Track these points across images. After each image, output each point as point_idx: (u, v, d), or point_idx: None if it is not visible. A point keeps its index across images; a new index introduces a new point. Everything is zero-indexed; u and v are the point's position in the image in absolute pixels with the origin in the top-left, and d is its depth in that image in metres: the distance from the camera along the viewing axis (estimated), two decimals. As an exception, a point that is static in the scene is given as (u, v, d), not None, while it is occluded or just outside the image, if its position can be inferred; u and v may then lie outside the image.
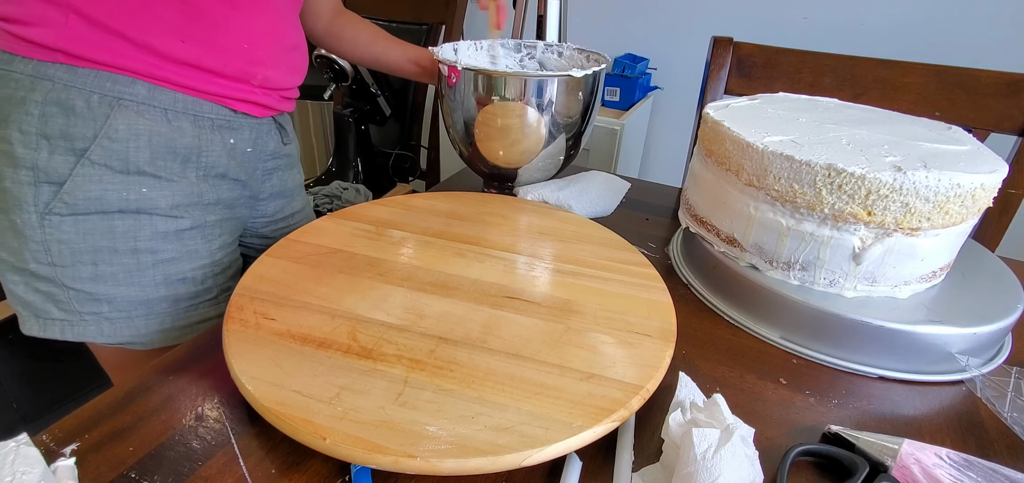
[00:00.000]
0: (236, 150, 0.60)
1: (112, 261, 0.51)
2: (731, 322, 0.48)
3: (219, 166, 0.58)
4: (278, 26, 0.60)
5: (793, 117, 0.51)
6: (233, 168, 0.60)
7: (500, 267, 0.47)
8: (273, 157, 0.67)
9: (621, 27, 1.67)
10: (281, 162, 0.69)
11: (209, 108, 0.55)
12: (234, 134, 0.59)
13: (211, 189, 0.58)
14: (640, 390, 0.34)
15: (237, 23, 0.54)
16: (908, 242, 0.41)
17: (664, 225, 0.66)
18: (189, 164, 0.55)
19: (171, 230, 0.54)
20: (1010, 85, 0.70)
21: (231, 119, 0.58)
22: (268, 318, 0.39)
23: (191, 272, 0.56)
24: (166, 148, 0.52)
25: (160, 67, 0.51)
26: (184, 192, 0.55)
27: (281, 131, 0.68)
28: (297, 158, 0.74)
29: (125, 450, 0.33)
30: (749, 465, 0.30)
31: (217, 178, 0.58)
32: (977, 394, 0.41)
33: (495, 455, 0.29)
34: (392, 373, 0.35)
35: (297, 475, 0.32)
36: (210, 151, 0.56)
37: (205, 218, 0.57)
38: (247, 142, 0.61)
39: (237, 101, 0.58)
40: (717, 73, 0.83)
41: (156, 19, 0.49)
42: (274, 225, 0.71)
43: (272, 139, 0.66)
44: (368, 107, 1.22)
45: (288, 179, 0.71)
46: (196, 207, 0.56)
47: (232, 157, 0.59)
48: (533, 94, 0.58)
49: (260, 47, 0.57)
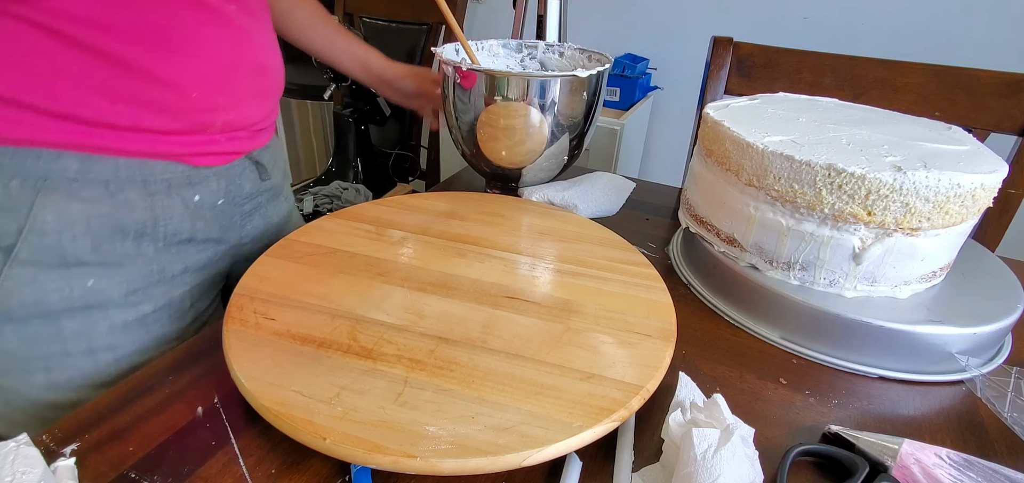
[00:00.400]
0: (203, 207, 0.51)
1: (66, 367, 0.45)
2: (731, 322, 0.48)
3: (182, 231, 0.49)
4: (238, 58, 0.49)
5: (793, 117, 0.51)
6: (201, 229, 0.51)
7: (500, 267, 0.47)
8: (251, 198, 0.57)
9: (621, 27, 1.67)
10: (262, 199, 0.59)
11: (161, 169, 0.46)
12: (198, 190, 0.50)
13: (175, 259, 0.49)
14: (640, 390, 0.34)
15: (179, 70, 0.44)
16: (908, 242, 0.41)
17: (664, 225, 0.66)
18: (144, 239, 0.47)
19: (131, 319, 0.47)
20: (1010, 85, 0.70)
21: (191, 175, 0.49)
22: (268, 318, 0.39)
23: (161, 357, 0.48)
24: (111, 229, 0.44)
25: (90, 135, 0.42)
26: (141, 273, 0.47)
27: (258, 167, 0.57)
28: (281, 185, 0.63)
29: (125, 450, 0.33)
30: (749, 465, 0.30)
31: (181, 245, 0.50)
32: (977, 394, 0.41)
33: (495, 455, 0.29)
34: (392, 373, 0.35)
35: (297, 475, 0.32)
36: (168, 218, 0.48)
37: (171, 294, 0.50)
38: (216, 194, 0.52)
39: (195, 155, 0.48)
40: (717, 73, 0.83)
41: (75, 84, 0.41)
42: None
43: (247, 180, 0.55)
44: (368, 107, 1.23)
45: (272, 213, 0.61)
46: (158, 285, 0.48)
47: (198, 217, 0.50)
48: (536, 95, 0.58)
49: (215, 90, 0.47)
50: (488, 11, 1.84)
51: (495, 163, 0.64)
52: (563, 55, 0.71)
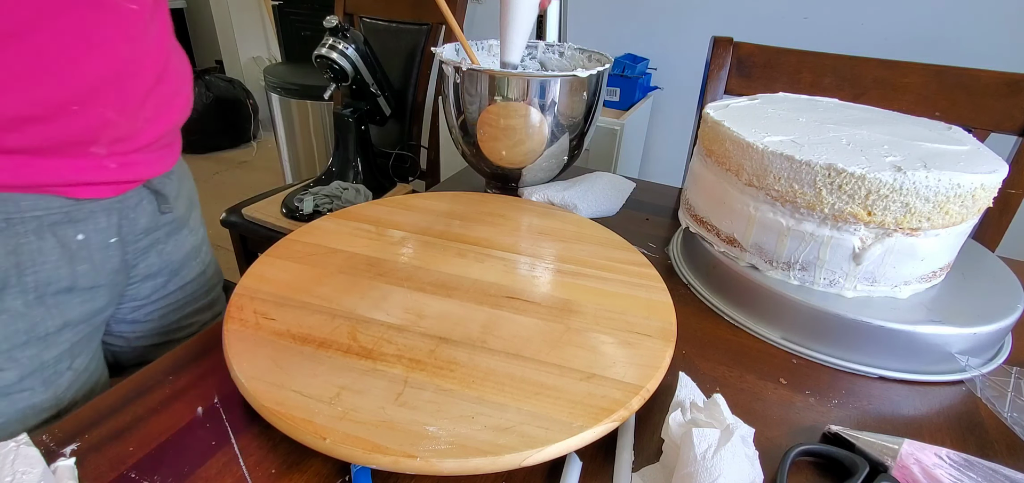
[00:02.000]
0: (89, 248, 0.42)
1: None
2: (731, 322, 0.48)
3: (61, 279, 0.41)
4: (131, 59, 0.40)
5: (793, 117, 0.51)
6: (85, 275, 0.42)
7: (500, 267, 0.47)
8: (146, 233, 0.48)
9: (621, 27, 1.67)
10: (159, 234, 0.50)
11: (31, 204, 0.38)
12: (82, 228, 0.41)
13: (50, 314, 0.41)
14: (640, 390, 0.34)
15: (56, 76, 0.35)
16: (908, 242, 0.41)
17: (664, 225, 0.66)
18: (7, 291, 0.38)
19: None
20: (1010, 85, 0.70)
21: (71, 209, 0.40)
22: (268, 318, 0.39)
23: None
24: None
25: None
26: (3, 334, 0.38)
27: (158, 198, 0.48)
28: (186, 215, 0.54)
29: (125, 450, 0.33)
30: (749, 465, 0.30)
31: (59, 295, 0.41)
32: (977, 394, 0.41)
33: (495, 455, 0.29)
34: (392, 373, 0.35)
35: (297, 475, 0.32)
36: (41, 264, 0.39)
37: (42, 357, 0.41)
38: (107, 232, 0.43)
39: (77, 185, 0.40)
40: (717, 73, 0.83)
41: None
42: (150, 306, 0.52)
43: (144, 214, 0.47)
44: (368, 107, 1.22)
45: (171, 250, 0.52)
46: (27, 347, 0.40)
47: (81, 260, 0.42)
48: (536, 95, 0.58)
49: (101, 101, 0.38)
50: (488, 11, 1.84)
51: (495, 163, 0.63)
52: (563, 55, 0.71)
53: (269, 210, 1.18)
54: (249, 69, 2.91)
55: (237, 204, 1.21)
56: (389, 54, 1.30)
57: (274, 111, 1.85)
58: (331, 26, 1.08)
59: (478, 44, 0.70)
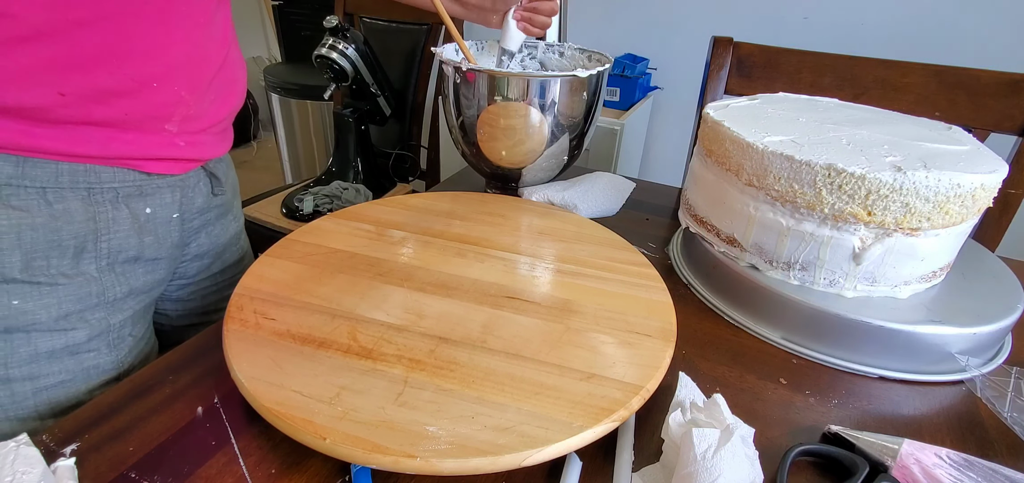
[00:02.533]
0: (155, 222, 0.46)
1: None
2: (731, 322, 0.48)
3: (129, 248, 0.44)
4: (202, 44, 0.44)
5: (793, 117, 0.51)
6: (150, 246, 0.46)
7: (500, 267, 0.47)
8: (200, 213, 0.52)
9: (621, 27, 1.67)
10: (210, 215, 0.54)
11: (110, 176, 0.41)
12: (150, 202, 0.45)
13: (119, 281, 0.44)
14: (640, 390, 0.34)
15: (141, 55, 0.39)
16: (908, 242, 0.41)
17: (664, 225, 0.66)
18: (84, 255, 0.41)
19: (59, 347, 0.41)
20: (1010, 85, 0.70)
21: (143, 184, 0.44)
22: (268, 318, 0.39)
23: (90, 395, 0.43)
24: (47, 243, 0.39)
25: (31, 135, 0.37)
26: (77, 295, 0.42)
27: (212, 180, 0.52)
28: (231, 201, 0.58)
29: (125, 450, 0.33)
30: (749, 465, 0.30)
31: (127, 264, 0.44)
32: (977, 394, 0.41)
33: (495, 455, 0.29)
34: (392, 373, 0.35)
35: (297, 475, 0.32)
36: (115, 232, 0.43)
37: (109, 321, 0.44)
38: (170, 207, 0.47)
39: (150, 160, 0.43)
40: (717, 73, 0.83)
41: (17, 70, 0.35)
42: (194, 286, 0.56)
43: (200, 194, 0.51)
44: (368, 107, 1.22)
45: (218, 232, 0.56)
46: (97, 309, 0.43)
47: (148, 232, 0.45)
48: (536, 94, 0.58)
49: (176, 79, 0.42)
50: (488, 11, 1.83)
51: (495, 163, 0.63)
52: (563, 55, 0.71)
53: (269, 210, 1.18)
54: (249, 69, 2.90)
55: (237, 204, 1.21)
56: (389, 54, 1.30)
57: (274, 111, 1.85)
58: (331, 26, 1.08)
59: (478, 44, 0.70)
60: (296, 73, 1.82)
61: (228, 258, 0.58)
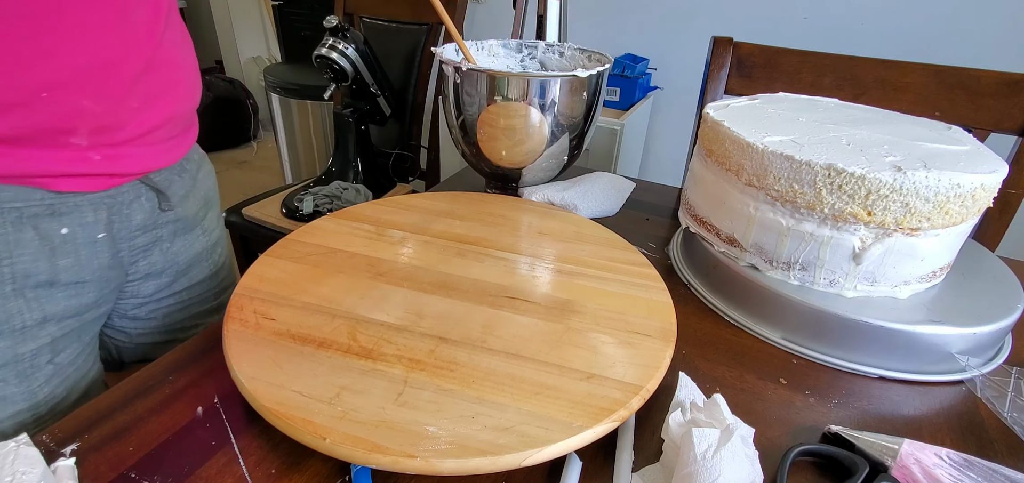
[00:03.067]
0: (74, 243, 0.42)
1: None
2: (731, 322, 0.48)
3: (38, 272, 0.40)
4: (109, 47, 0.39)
5: (793, 117, 0.51)
6: (67, 270, 0.42)
7: (500, 267, 0.47)
8: (144, 231, 0.47)
9: (621, 27, 1.67)
10: (162, 232, 0.49)
11: (11, 195, 0.38)
12: (66, 221, 0.41)
13: (29, 307, 0.40)
14: (640, 390, 0.34)
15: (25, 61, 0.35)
16: (908, 242, 0.41)
17: (664, 225, 0.66)
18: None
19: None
20: (1010, 85, 0.70)
21: (55, 202, 0.40)
22: (268, 318, 0.39)
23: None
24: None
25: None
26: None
27: (158, 195, 0.47)
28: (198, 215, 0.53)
29: (125, 450, 0.33)
30: (749, 465, 0.30)
31: (40, 289, 0.41)
32: (977, 394, 0.41)
33: (495, 455, 0.29)
34: (392, 373, 0.35)
35: (297, 475, 0.32)
36: (16, 256, 0.39)
37: (16, 350, 0.40)
38: (93, 227, 0.43)
39: (58, 177, 0.39)
40: (717, 73, 0.83)
41: None
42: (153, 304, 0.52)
43: (140, 210, 0.46)
44: (368, 107, 1.22)
45: (177, 250, 0.51)
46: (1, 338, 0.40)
47: (64, 254, 0.41)
48: (536, 94, 0.58)
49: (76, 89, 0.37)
50: (488, 12, 1.84)
51: (495, 163, 0.63)
52: (563, 55, 0.71)
53: (269, 210, 1.18)
54: (249, 69, 2.91)
55: (237, 204, 1.21)
56: (389, 54, 1.30)
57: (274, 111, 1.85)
58: (331, 26, 1.08)
59: (478, 45, 0.70)
60: (296, 73, 1.82)
61: (196, 275, 0.54)
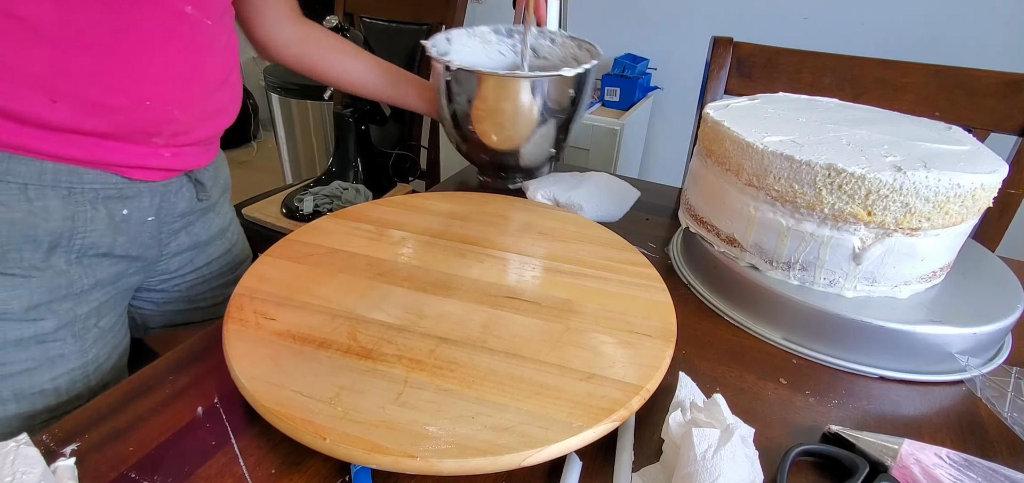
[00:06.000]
0: (130, 222, 0.47)
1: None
2: (731, 322, 0.48)
3: (101, 245, 0.45)
4: (202, 70, 0.46)
5: (793, 117, 0.51)
6: (121, 244, 0.47)
7: (500, 267, 0.47)
8: (183, 217, 0.53)
9: (621, 27, 1.67)
10: (193, 217, 0.55)
11: (92, 177, 0.42)
12: (128, 204, 0.46)
13: (86, 273, 0.45)
14: (640, 390, 0.34)
15: (138, 78, 0.41)
16: (908, 242, 0.41)
17: (664, 225, 0.66)
18: (56, 251, 0.42)
19: (27, 336, 0.42)
20: (1010, 85, 0.70)
21: (124, 188, 0.45)
22: (268, 318, 0.39)
23: (52, 382, 0.44)
24: (22, 237, 0.40)
25: (19, 134, 0.38)
26: (46, 287, 0.43)
27: (197, 186, 0.53)
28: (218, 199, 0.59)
29: (125, 450, 0.33)
30: (749, 465, 0.30)
31: (96, 258, 0.45)
32: (977, 394, 0.41)
33: (495, 455, 0.29)
34: (392, 373, 0.35)
35: (297, 475, 0.32)
36: (89, 230, 0.44)
37: (75, 311, 0.45)
38: (147, 210, 0.48)
39: (133, 168, 0.44)
40: (717, 73, 0.83)
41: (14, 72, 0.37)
42: (178, 279, 0.57)
43: (183, 199, 0.52)
44: (368, 107, 1.22)
45: (199, 230, 0.56)
46: (64, 301, 0.44)
47: (121, 232, 0.46)
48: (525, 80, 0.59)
49: (170, 99, 0.44)
50: (488, 10, 1.84)
51: (487, 146, 0.64)
52: (554, 42, 0.72)
53: (269, 210, 1.18)
54: (249, 69, 2.91)
55: (237, 204, 1.21)
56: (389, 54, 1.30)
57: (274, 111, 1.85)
58: (331, 26, 1.08)
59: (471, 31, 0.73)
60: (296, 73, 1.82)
61: (213, 251, 0.60)
